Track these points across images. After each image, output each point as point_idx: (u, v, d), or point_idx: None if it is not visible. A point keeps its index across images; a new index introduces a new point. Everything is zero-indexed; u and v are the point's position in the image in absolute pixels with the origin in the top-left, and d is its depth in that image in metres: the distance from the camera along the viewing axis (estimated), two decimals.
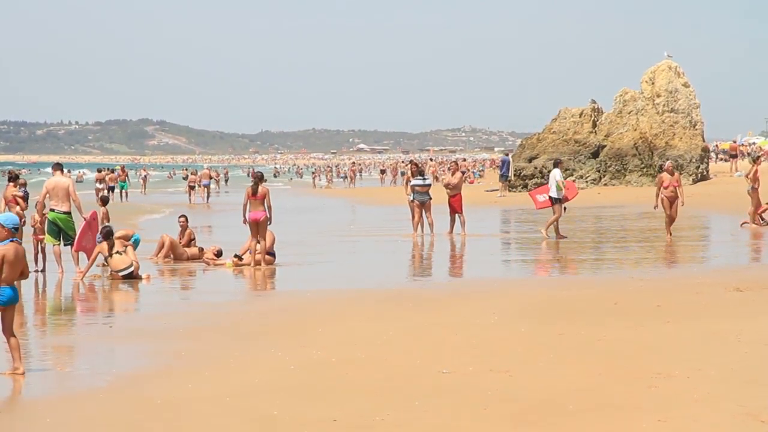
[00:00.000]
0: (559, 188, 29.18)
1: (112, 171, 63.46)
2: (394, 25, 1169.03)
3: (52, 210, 21.55)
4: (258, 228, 22.32)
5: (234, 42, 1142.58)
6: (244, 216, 22.53)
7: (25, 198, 22.42)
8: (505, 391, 9.82)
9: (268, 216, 22.42)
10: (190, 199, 59.08)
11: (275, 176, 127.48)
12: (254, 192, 22.53)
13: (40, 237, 22.18)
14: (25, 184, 23.04)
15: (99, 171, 65.28)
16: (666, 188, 27.73)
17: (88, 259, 21.33)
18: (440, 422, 8.71)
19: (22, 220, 21.80)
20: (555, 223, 28.83)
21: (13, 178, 22.77)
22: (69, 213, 21.70)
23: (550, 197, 29.41)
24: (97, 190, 57.70)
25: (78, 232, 21.54)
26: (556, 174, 29.49)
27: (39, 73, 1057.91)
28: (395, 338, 12.99)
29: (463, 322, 14.08)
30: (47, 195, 21.61)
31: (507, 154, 63.21)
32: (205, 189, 60.75)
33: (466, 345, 12.35)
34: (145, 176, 78.27)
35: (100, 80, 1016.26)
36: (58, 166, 22.33)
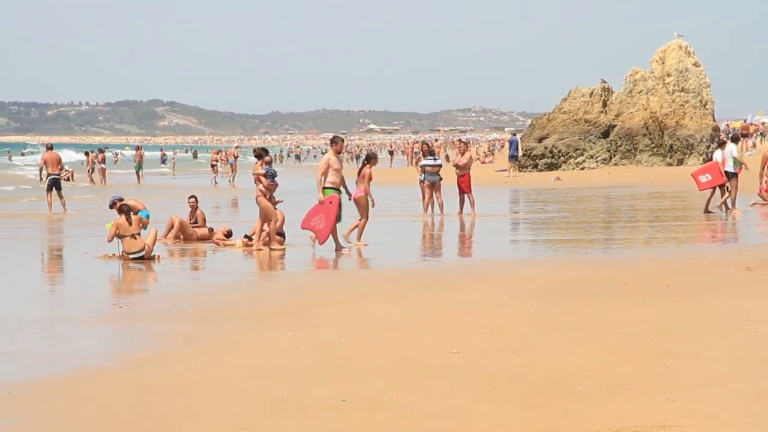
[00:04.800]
0: (737, 163, 28.93)
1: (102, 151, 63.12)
2: (405, 4, 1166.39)
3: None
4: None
5: (243, 22, 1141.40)
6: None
7: (270, 176, 21.96)
8: (514, 371, 9.82)
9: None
10: (215, 180, 58.52)
11: (298, 157, 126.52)
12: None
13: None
14: (270, 162, 22.63)
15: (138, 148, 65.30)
16: None
17: (319, 239, 21.57)
18: (449, 402, 8.71)
19: (267, 196, 21.78)
20: (730, 197, 28.70)
21: (259, 155, 22.60)
22: (334, 188, 21.69)
23: (726, 172, 28.87)
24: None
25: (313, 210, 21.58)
26: (733, 149, 29.24)
27: (49, 55, 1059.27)
28: (405, 319, 12.99)
29: (472, 303, 14.07)
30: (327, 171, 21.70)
31: (515, 135, 63.24)
32: (231, 168, 60.20)
33: (475, 325, 12.35)
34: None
35: (110, 61, 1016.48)
36: (336, 139, 22.30)
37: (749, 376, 9.23)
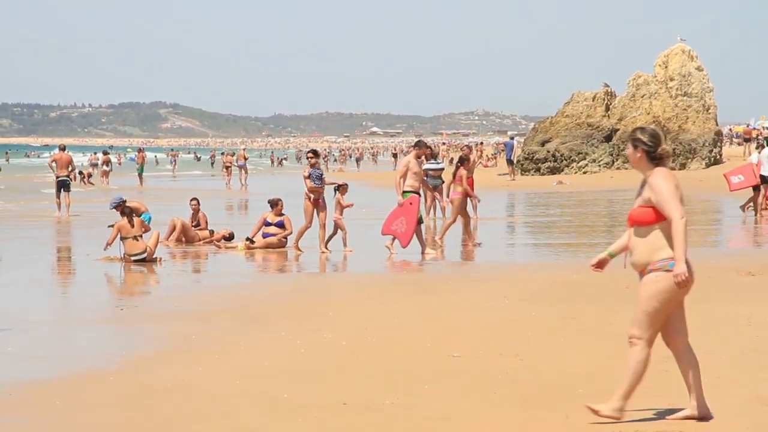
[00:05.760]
0: None
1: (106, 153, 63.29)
2: (408, 7, 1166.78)
3: None
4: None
5: (246, 25, 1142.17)
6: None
7: (315, 177, 22.01)
8: (515, 374, 9.81)
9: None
10: (229, 183, 57.75)
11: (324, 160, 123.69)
12: None
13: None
14: (316, 164, 22.57)
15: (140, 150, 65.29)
16: None
17: (402, 243, 21.26)
18: (450, 405, 8.70)
19: (311, 198, 22.00)
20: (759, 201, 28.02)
21: (309, 156, 22.80)
22: (413, 192, 21.57)
23: (762, 176, 28.13)
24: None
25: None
26: None
27: (51, 56, 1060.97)
28: (406, 321, 12.98)
29: (474, 306, 14.07)
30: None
31: (511, 138, 63.46)
32: (241, 170, 59.35)
33: (476, 329, 12.34)
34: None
35: (113, 63, 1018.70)
36: (420, 143, 22.65)
37: (750, 381, 9.21)
